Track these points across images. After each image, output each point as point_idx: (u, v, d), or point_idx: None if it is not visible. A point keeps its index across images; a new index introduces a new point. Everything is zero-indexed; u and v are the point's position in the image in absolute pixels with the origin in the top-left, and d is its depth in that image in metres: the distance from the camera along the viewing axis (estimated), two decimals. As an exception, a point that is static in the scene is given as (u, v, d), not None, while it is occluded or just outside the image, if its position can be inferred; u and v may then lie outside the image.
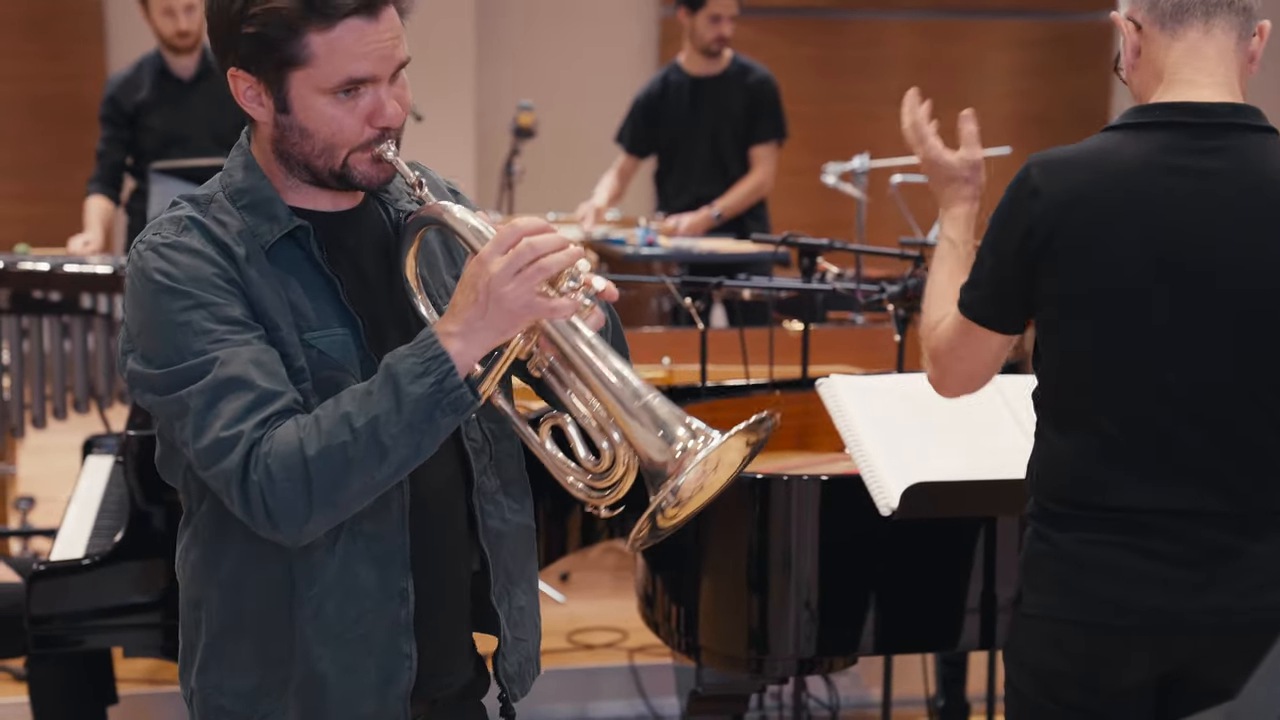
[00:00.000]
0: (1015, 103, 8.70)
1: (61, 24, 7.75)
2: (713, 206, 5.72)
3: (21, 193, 7.26)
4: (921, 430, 2.81)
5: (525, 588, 2.07)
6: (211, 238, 1.86)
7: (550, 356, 1.83)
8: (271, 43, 1.83)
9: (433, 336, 1.78)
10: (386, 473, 1.79)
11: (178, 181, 4.61)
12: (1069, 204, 2.16)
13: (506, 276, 1.76)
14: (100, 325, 4.56)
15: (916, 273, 3.41)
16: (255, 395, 1.79)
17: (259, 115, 1.90)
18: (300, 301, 1.88)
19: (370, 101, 1.86)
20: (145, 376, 1.83)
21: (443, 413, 1.78)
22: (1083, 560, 2.19)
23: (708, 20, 5.68)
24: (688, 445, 1.73)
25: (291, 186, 1.92)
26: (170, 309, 1.80)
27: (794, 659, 2.91)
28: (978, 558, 2.95)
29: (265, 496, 1.76)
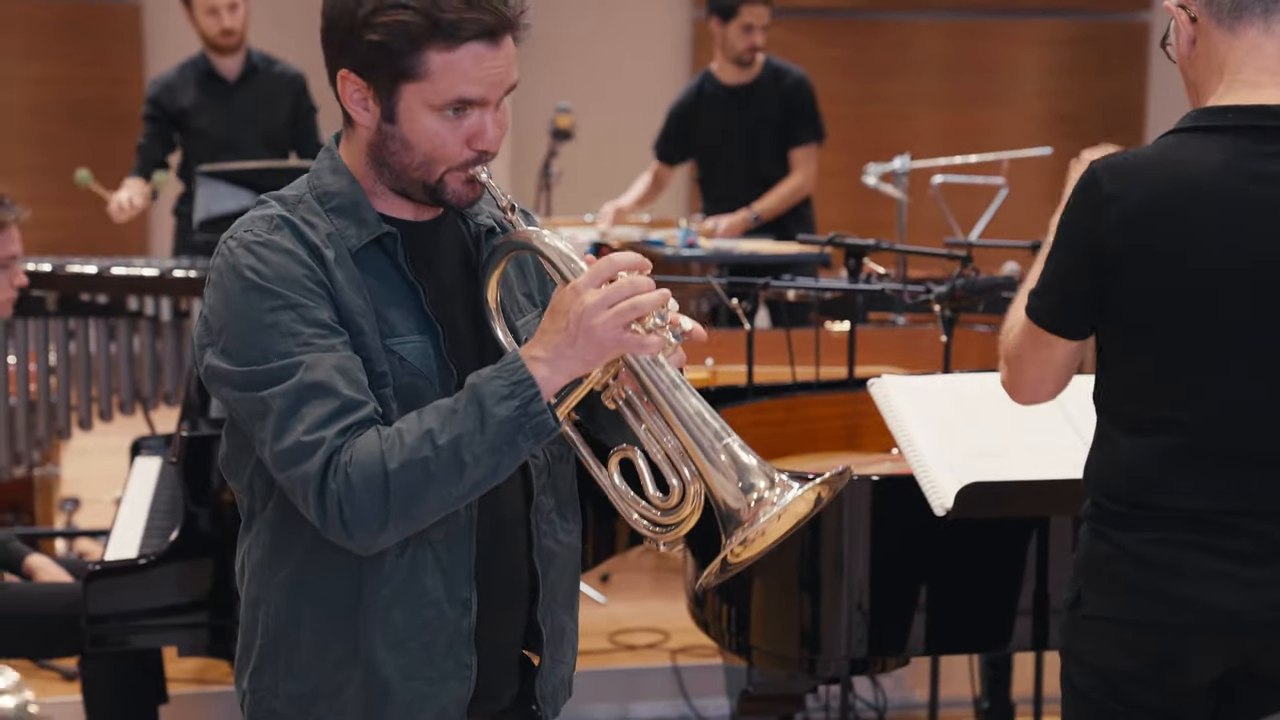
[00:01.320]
0: (1047, 102, 8.69)
1: (99, 28, 7.80)
2: (751, 208, 5.72)
3: (59, 196, 7.28)
4: (974, 430, 2.81)
5: (569, 611, 2.09)
6: (301, 238, 1.86)
7: (629, 390, 1.85)
8: (392, 53, 1.83)
9: (519, 361, 1.80)
10: (463, 491, 1.81)
11: (224, 184, 4.64)
12: (1141, 209, 2.15)
13: (599, 309, 1.77)
14: (146, 327, 4.60)
15: (964, 273, 3.41)
16: (339, 403, 1.79)
17: (362, 119, 1.90)
18: (383, 307, 1.89)
19: (474, 123, 1.87)
20: (226, 373, 1.83)
21: (525, 436, 1.79)
22: (1149, 560, 2.19)
23: (739, 30, 5.67)
24: (764, 495, 1.74)
25: (379, 193, 1.93)
26: (259, 308, 1.81)
27: (846, 659, 2.92)
28: (1029, 558, 2.95)
29: (343, 505, 1.77)
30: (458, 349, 1.91)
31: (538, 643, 2.04)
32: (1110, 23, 8.76)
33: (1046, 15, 8.70)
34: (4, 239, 3.42)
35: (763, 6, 5.63)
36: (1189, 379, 2.18)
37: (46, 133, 7.73)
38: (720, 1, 5.67)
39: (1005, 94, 8.67)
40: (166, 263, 4.75)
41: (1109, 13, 8.75)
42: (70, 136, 7.79)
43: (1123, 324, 2.22)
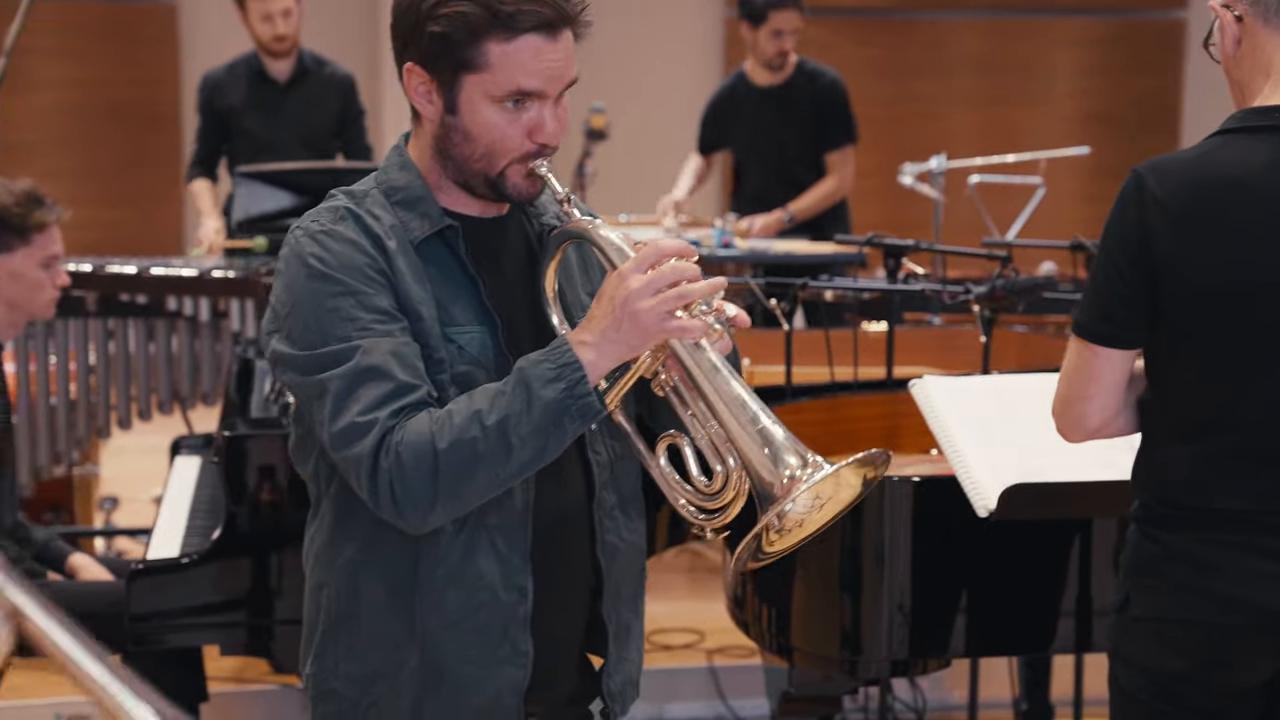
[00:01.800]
0: (1082, 101, 8.65)
1: (135, 29, 7.84)
2: (786, 209, 5.71)
3: (97, 196, 7.35)
4: (1016, 430, 2.80)
5: (633, 609, 2.11)
6: (365, 229, 1.91)
7: (675, 377, 1.88)
8: (453, 44, 1.89)
9: (566, 344, 1.84)
10: (510, 471, 1.84)
11: (262, 185, 4.67)
12: (1190, 211, 2.14)
13: (645, 294, 1.81)
14: (184, 327, 4.62)
15: (1004, 273, 3.39)
16: (393, 386, 1.84)
17: (426, 112, 1.95)
18: (444, 297, 1.94)
19: (534, 116, 1.91)
20: (289, 357, 1.89)
21: (570, 418, 1.83)
22: (1198, 560, 2.18)
23: (769, 35, 5.65)
24: (796, 473, 1.77)
25: (444, 187, 1.99)
26: (320, 293, 1.86)
27: (887, 660, 2.91)
28: (1072, 560, 2.93)
29: (394, 483, 1.82)
30: (516, 341, 1.95)
31: (603, 639, 2.06)
32: (1146, 21, 8.71)
33: (1082, 14, 8.66)
34: (46, 239, 3.43)
35: (793, 12, 5.61)
36: (1234, 381, 2.17)
37: (84, 134, 7.78)
38: (750, 7, 5.65)
39: (1040, 93, 8.63)
40: (205, 263, 4.77)
41: (1145, 11, 8.70)
42: (108, 137, 7.84)
43: (1168, 326, 2.21)
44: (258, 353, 4.03)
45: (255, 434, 3.26)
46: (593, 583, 2.04)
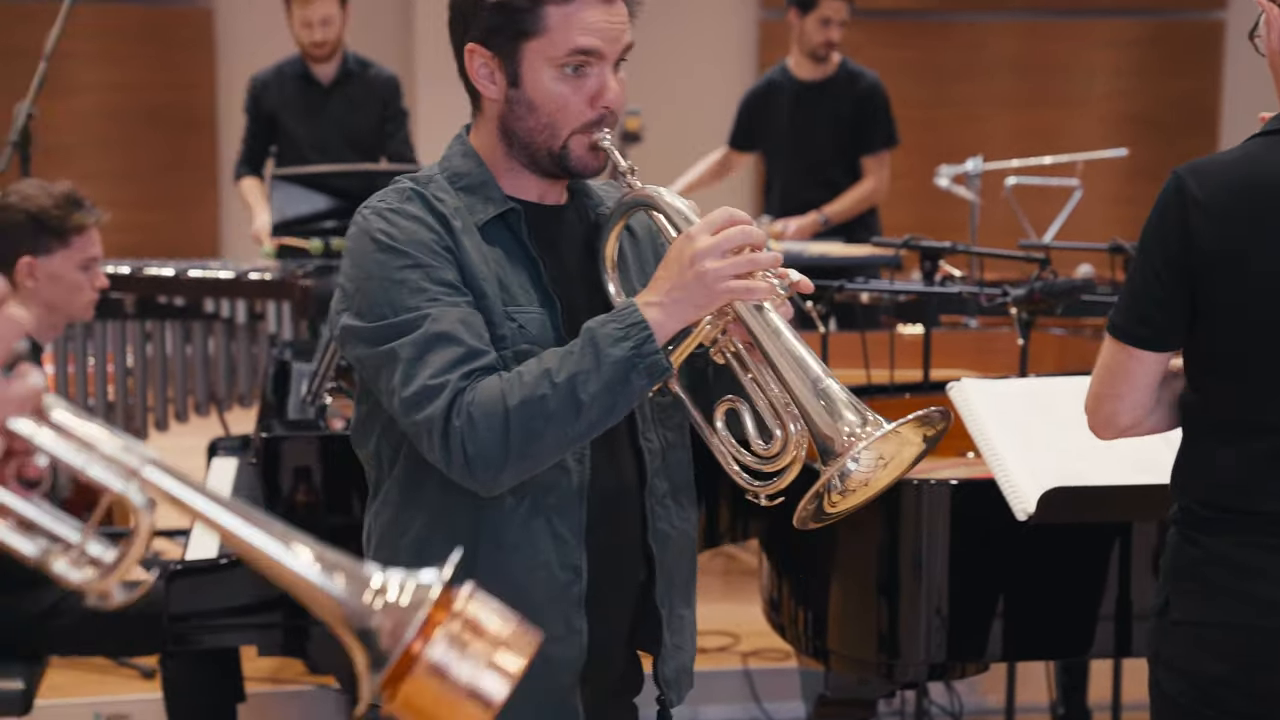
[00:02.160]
0: (1119, 103, 8.60)
1: (172, 33, 7.88)
2: (821, 211, 5.69)
3: (135, 199, 7.40)
4: (1054, 433, 2.78)
5: (686, 598, 2.13)
6: (430, 208, 1.96)
7: (737, 341, 1.91)
8: (512, 12, 1.94)
9: (633, 305, 1.88)
10: (579, 430, 1.88)
11: (296, 187, 4.69)
12: (1231, 211, 2.13)
13: (713, 254, 1.85)
14: (221, 330, 4.64)
15: (1042, 275, 3.38)
16: (463, 350, 1.88)
17: (489, 92, 2.01)
18: (505, 278, 1.98)
19: (595, 82, 1.96)
20: (358, 330, 1.93)
21: (639, 375, 1.86)
22: (1239, 563, 2.17)
23: (817, 23, 5.63)
24: (857, 430, 1.80)
25: (508, 172, 2.03)
26: (389, 266, 1.91)
27: (925, 664, 2.90)
28: (1112, 563, 2.92)
29: (465, 442, 1.85)
30: (574, 325, 1.97)
31: (655, 629, 2.08)
32: (1184, 21, 8.66)
33: (1119, 15, 8.61)
34: (85, 241, 3.44)
35: (842, 1, 5.60)
36: (1276, 383, 2.16)
37: (122, 137, 7.83)
38: None
39: (1077, 95, 8.59)
40: (242, 265, 4.79)
41: (1183, 11, 8.65)
42: (146, 140, 7.89)
43: (1210, 328, 2.19)
44: (294, 355, 4.04)
45: (292, 435, 3.27)
46: (643, 572, 2.07)
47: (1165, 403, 2.27)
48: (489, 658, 1.09)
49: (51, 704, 3.92)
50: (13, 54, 7.32)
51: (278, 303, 4.56)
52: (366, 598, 1.10)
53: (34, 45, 7.33)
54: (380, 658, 1.08)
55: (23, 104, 4.47)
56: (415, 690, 1.08)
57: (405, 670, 1.07)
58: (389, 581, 1.11)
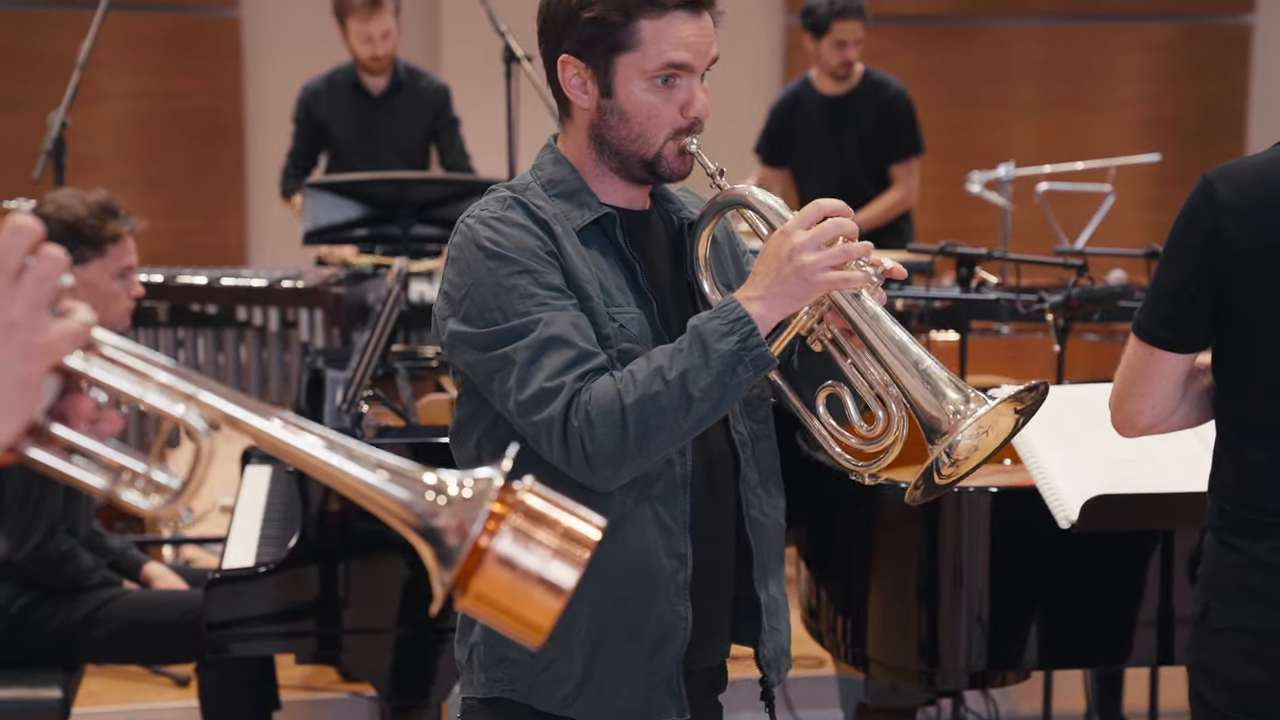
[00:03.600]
0: (1146, 107, 8.57)
1: (201, 41, 7.90)
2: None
3: (164, 206, 7.41)
4: (1097, 441, 2.77)
5: (778, 581, 2.19)
6: (532, 215, 2.04)
7: (834, 329, 1.98)
8: (607, 26, 2.02)
9: (735, 302, 1.95)
10: (690, 424, 1.94)
11: (330, 195, 4.69)
12: (1261, 215, 2.14)
13: (809, 247, 1.91)
14: (252, 337, 4.65)
15: (1079, 282, 3.37)
16: (576, 353, 1.95)
17: (581, 102, 2.07)
18: (605, 280, 2.05)
19: (685, 93, 2.04)
20: (469, 335, 1.99)
21: (745, 368, 1.92)
22: (1277, 569, 2.16)
23: (833, 46, 5.62)
24: (961, 407, 1.87)
25: (597, 178, 2.10)
26: (499, 273, 1.98)
27: (965, 672, 2.89)
28: (1153, 569, 2.90)
29: (585, 441, 1.91)
30: (668, 324, 2.06)
31: (753, 613, 2.13)
32: (1212, 26, 8.63)
33: (1147, 19, 8.58)
34: (120, 250, 3.44)
35: (855, 21, 5.58)
36: None
37: (151, 144, 7.85)
38: (812, 18, 5.63)
39: (1104, 99, 8.56)
40: (275, 273, 4.80)
41: (1210, 16, 8.62)
42: (174, 147, 7.91)
43: (1241, 331, 2.20)
44: (327, 363, 4.05)
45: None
46: (737, 560, 2.12)
47: (1190, 400, 2.28)
48: (556, 546, 1.11)
49: (86, 711, 3.93)
50: (44, 61, 7.38)
51: (310, 311, 4.57)
52: (429, 496, 1.12)
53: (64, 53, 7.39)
54: (448, 554, 1.10)
55: (56, 113, 4.48)
56: (485, 583, 1.10)
57: (475, 565, 1.10)
58: (447, 480, 1.13)
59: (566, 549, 1.11)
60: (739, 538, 2.12)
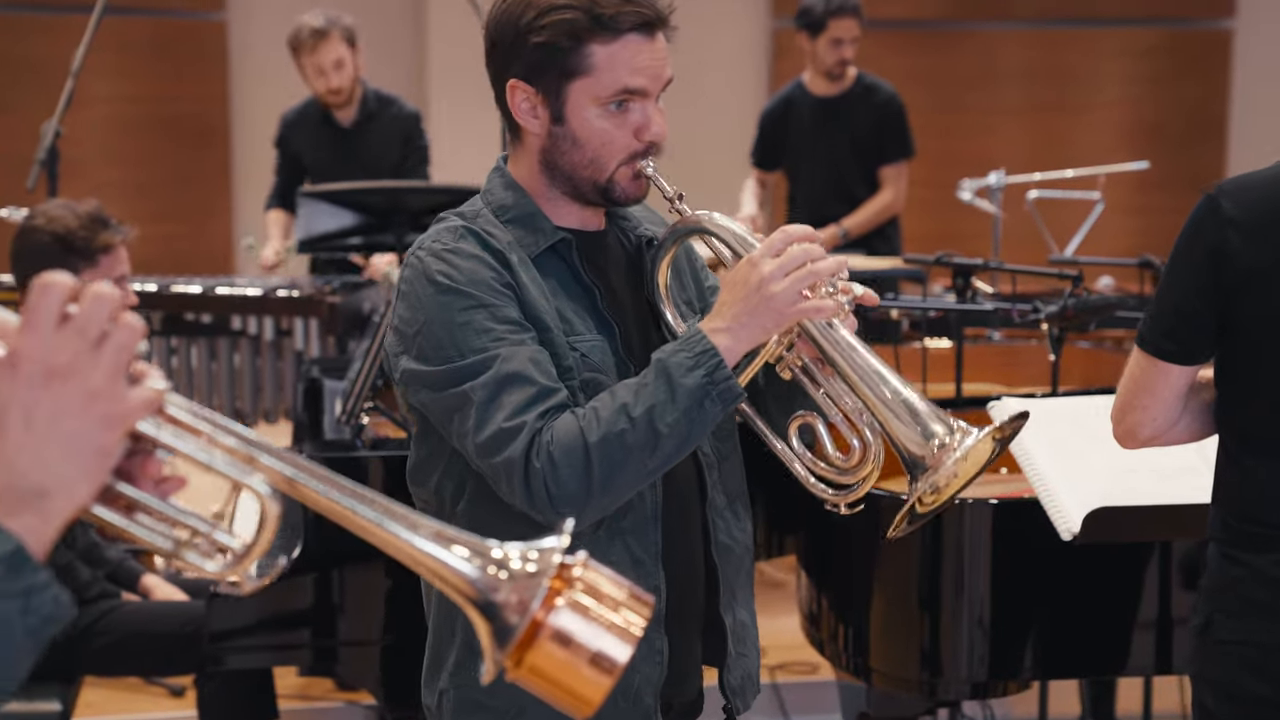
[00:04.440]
0: (1129, 111, 8.62)
1: (186, 47, 7.87)
2: (840, 224, 5.70)
3: (149, 211, 7.36)
4: (1097, 452, 2.79)
5: (746, 605, 2.14)
6: (486, 245, 1.97)
7: (805, 357, 1.93)
8: (558, 51, 1.94)
9: (701, 333, 1.89)
10: (657, 462, 1.88)
11: (324, 204, 4.69)
12: (1266, 229, 2.16)
13: (777, 276, 1.86)
14: (246, 346, 4.65)
15: (1075, 292, 3.39)
16: (536, 390, 1.88)
17: (531, 127, 2.00)
18: (564, 308, 1.99)
19: (639, 117, 1.97)
20: (423, 374, 1.92)
21: (713, 402, 1.86)
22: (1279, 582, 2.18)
23: (829, 44, 5.65)
24: (945, 441, 1.82)
25: (549, 201, 2.03)
26: (452, 308, 1.91)
27: (967, 682, 2.91)
28: (1151, 579, 2.93)
29: (548, 482, 1.84)
30: (630, 348, 2.01)
31: (721, 637, 2.08)
32: (1193, 30, 8.67)
33: (1129, 23, 8.62)
34: (112, 260, 3.42)
35: (852, 20, 5.62)
36: None
37: (136, 149, 7.81)
38: (809, 16, 5.66)
39: (1087, 102, 8.60)
40: (271, 282, 4.80)
41: (1192, 20, 8.67)
42: (159, 152, 7.88)
43: (1245, 345, 2.22)
44: (324, 372, 4.05)
45: (331, 456, 3.28)
46: (707, 585, 2.07)
47: (1192, 412, 2.29)
48: (609, 622, 1.11)
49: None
50: (33, 66, 7.35)
51: (305, 319, 4.57)
52: (491, 570, 1.12)
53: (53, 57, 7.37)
54: (505, 629, 1.11)
55: (50, 122, 4.47)
56: (540, 657, 1.10)
57: (530, 639, 1.10)
58: (510, 552, 1.13)
59: (620, 625, 1.11)
60: (706, 562, 2.07)
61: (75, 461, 1.07)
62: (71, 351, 1.06)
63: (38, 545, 1.05)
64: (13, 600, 1.03)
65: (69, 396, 1.06)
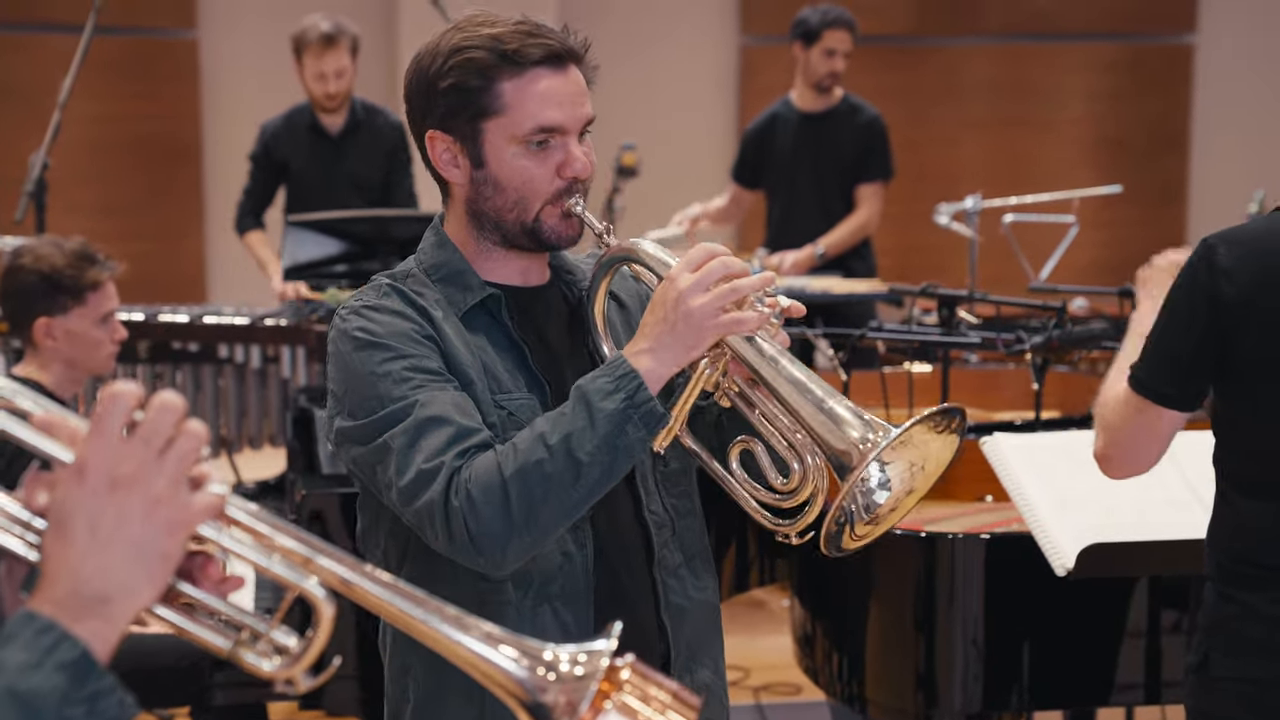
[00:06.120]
0: (1092, 126, 8.72)
1: (157, 65, 7.85)
2: (816, 244, 5.76)
3: (120, 231, 7.37)
4: (1090, 487, 2.85)
5: (710, 666, 2.08)
6: (409, 301, 1.96)
7: (738, 379, 1.88)
8: (468, 92, 1.93)
9: (622, 357, 1.85)
10: (581, 493, 1.83)
11: (311, 233, 4.71)
12: (1260, 281, 2.21)
13: (696, 291, 1.81)
14: (231, 373, 4.67)
15: (1061, 322, 3.45)
16: (454, 430, 1.85)
17: (454, 177, 1.99)
18: (492, 365, 1.95)
19: (560, 154, 1.94)
20: (350, 430, 1.90)
21: (635, 427, 1.82)
22: (1275, 620, 2.24)
23: (822, 54, 5.73)
24: (869, 436, 1.77)
25: (483, 255, 2.01)
26: (371, 361, 1.89)
27: (961, 713, 2.97)
28: (1138, 610, 2.99)
29: (467, 520, 1.80)
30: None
31: None
32: (1155, 45, 8.79)
33: (1092, 38, 8.73)
34: (100, 297, 3.41)
35: (845, 32, 5.70)
36: None
37: (107, 168, 7.79)
38: (803, 26, 5.73)
39: (1050, 117, 8.71)
40: (257, 310, 4.82)
41: (1154, 35, 8.78)
42: (130, 172, 7.86)
43: (1240, 391, 2.27)
44: (310, 400, 4.07)
45: (328, 491, 3.31)
46: (661, 648, 2.01)
47: None
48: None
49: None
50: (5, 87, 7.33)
51: (292, 348, 4.59)
52: (540, 671, 1.15)
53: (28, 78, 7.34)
54: None
55: (38, 154, 4.47)
56: None
57: None
58: (560, 655, 1.16)
59: None
60: (659, 626, 2.00)
61: (139, 567, 1.10)
62: (136, 461, 1.10)
63: (103, 650, 1.09)
64: (78, 706, 1.07)
65: (133, 504, 1.10)
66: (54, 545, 1.11)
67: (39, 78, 7.07)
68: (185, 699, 3.51)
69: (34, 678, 1.06)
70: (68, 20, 4.84)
